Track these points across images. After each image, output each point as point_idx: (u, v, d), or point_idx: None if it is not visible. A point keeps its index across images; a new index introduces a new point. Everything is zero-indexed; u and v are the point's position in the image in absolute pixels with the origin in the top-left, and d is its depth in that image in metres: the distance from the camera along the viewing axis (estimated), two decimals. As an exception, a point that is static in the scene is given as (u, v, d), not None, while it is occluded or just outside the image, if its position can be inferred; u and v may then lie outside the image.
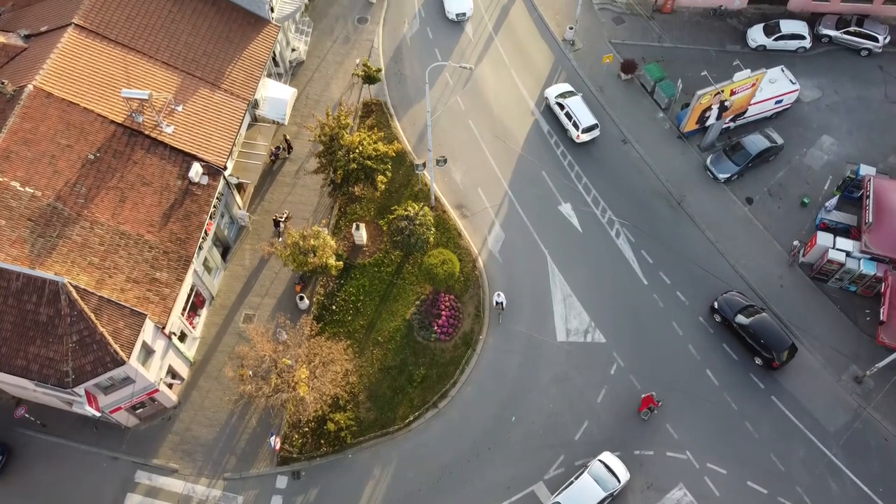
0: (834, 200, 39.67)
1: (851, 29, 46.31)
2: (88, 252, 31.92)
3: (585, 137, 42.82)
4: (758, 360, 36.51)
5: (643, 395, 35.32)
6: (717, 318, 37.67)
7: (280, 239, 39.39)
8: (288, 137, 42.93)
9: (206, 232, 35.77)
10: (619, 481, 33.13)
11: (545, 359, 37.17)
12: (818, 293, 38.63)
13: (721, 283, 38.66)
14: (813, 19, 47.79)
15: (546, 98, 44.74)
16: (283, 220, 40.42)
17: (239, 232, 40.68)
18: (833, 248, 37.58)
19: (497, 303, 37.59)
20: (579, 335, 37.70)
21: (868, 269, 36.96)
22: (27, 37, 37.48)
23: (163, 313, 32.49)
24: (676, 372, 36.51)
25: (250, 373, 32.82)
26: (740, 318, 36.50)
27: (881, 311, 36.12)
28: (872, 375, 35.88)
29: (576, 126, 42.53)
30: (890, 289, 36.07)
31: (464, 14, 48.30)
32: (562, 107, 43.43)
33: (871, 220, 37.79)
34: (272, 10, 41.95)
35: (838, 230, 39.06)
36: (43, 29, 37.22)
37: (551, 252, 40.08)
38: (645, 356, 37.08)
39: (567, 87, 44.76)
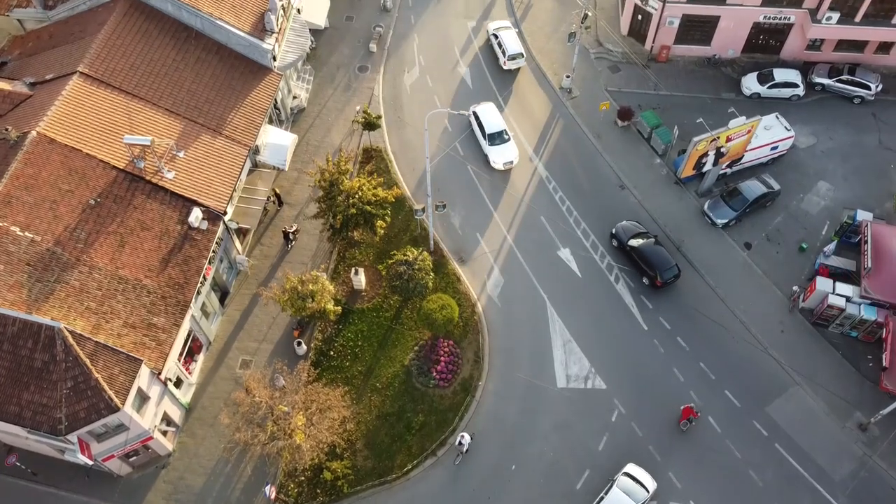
0: (832, 245, 39.75)
1: (844, 77, 47.14)
2: (86, 297, 31.81)
3: (511, 65, 48.98)
4: (645, 280, 40.02)
5: (683, 407, 35.28)
6: (614, 242, 41.14)
7: (290, 247, 41.24)
8: (278, 191, 42.97)
9: (204, 277, 35.73)
10: (647, 491, 33.12)
11: (545, 405, 36.71)
12: (819, 339, 38.39)
13: (722, 329, 38.48)
14: (806, 68, 48.68)
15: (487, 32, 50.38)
16: (292, 231, 40.98)
17: (237, 276, 40.62)
18: (833, 293, 37.50)
19: (459, 443, 34.76)
20: (580, 381, 37.32)
21: (869, 314, 36.81)
22: (32, 84, 38.08)
23: (159, 359, 32.20)
24: (678, 418, 36.00)
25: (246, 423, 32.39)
26: (632, 242, 40.20)
27: (884, 356, 35.83)
28: (877, 422, 35.40)
29: (504, 53, 48.38)
30: (892, 334, 35.86)
31: (510, 162, 44.29)
32: (496, 37, 49.22)
33: (869, 265, 37.81)
34: (274, 58, 42.71)
35: (837, 275, 39.04)
36: (48, 77, 37.81)
37: (551, 297, 39.96)
38: (646, 403, 36.63)
39: (505, 23, 50.37)
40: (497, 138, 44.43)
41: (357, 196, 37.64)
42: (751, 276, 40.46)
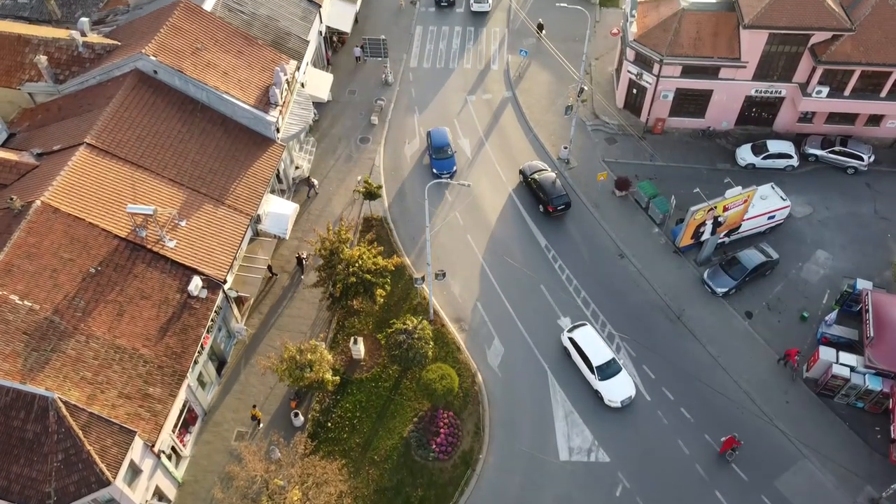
0: (833, 314, 39.60)
1: (836, 148, 48.06)
2: (82, 366, 31.45)
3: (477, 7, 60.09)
4: (540, 208, 46.23)
5: (724, 438, 35.23)
6: (521, 177, 47.80)
7: (302, 277, 42.64)
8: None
9: (202, 346, 35.43)
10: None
11: (547, 479, 35.76)
12: (825, 410, 37.76)
13: (726, 399, 37.89)
14: (798, 139, 49.65)
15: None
16: (305, 258, 42.66)
17: (235, 345, 40.29)
18: (837, 362, 37.12)
19: None
20: (582, 454, 36.49)
21: (874, 384, 36.32)
22: (39, 155, 38.77)
23: (153, 430, 31.56)
24: (684, 493, 35.04)
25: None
26: (534, 176, 46.73)
27: (892, 428, 35.19)
28: (888, 497, 34.38)
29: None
30: (898, 405, 35.34)
31: (629, 397, 38.11)
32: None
33: (872, 334, 37.56)
34: (278, 130, 43.63)
35: (840, 345, 38.74)
36: (56, 148, 38.53)
37: (552, 367, 39.52)
38: (651, 476, 35.69)
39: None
40: (606, 369, 37.96)
41: (357, 265, 37.75)
42: (753, 346, 40.13)
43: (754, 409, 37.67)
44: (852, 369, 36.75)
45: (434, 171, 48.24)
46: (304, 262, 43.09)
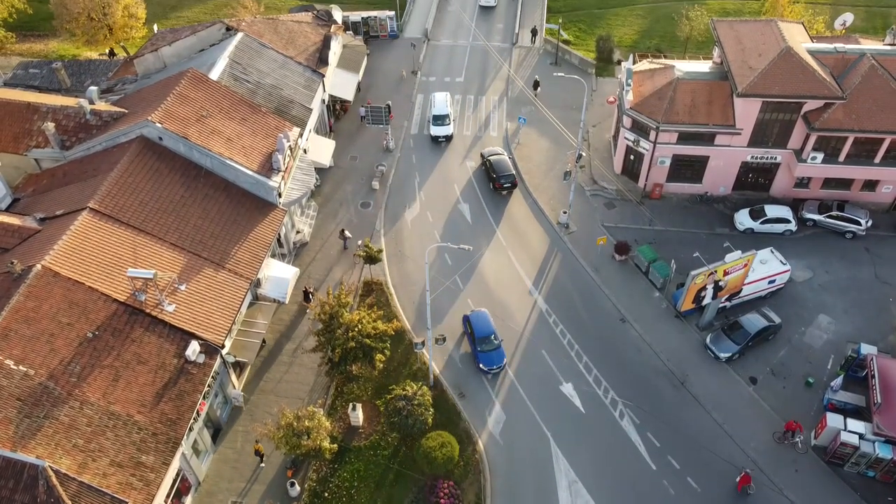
0: (839, 380, 39.05)
1: (834, 213, 48.43)
2: (75, 433, 30.78)
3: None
4: (491, 185, 52.28)
5: (739, 477, 35.49)
6: (481, 159, 54.03)
7: (308, 310, 42.68)
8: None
9: (197, 413, 34.78)
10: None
11: (551, 553, 34.56)
12: (835, 479, 36.77)
13: (733, 468, 36.96)
14: (796, 204, 50.11)
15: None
16: (312, 291, 43.57)
17: (231, 412, 39.57)
18: (845, 430, 36.38)
19: None
20: (587, 526, 35.37)
21: (884, 452, 35.49)
22: (42, 219, 39.01)
23: (145, 500, 30.61)
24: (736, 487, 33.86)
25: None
26: (489, 158, 53.39)
27: (905, 498, 34.22)
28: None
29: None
30: (910, 474, 34.45)
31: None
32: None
33: (879, 400, 36.96)
34: (280, 195, 44.06)
35: (848, 411, 38.06)
36: (59, 212, 38.81)
37: (554, 434, 38.72)
38: (659, 550, 34.52)
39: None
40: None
41: (357, 329, 37.46)
42: (759, 412, 39.42)
43: (763, 479, 36.70)
44: (861, 437, 35.99)
45: (481, 366, 40.82)
46: (310, 295, 43.68)
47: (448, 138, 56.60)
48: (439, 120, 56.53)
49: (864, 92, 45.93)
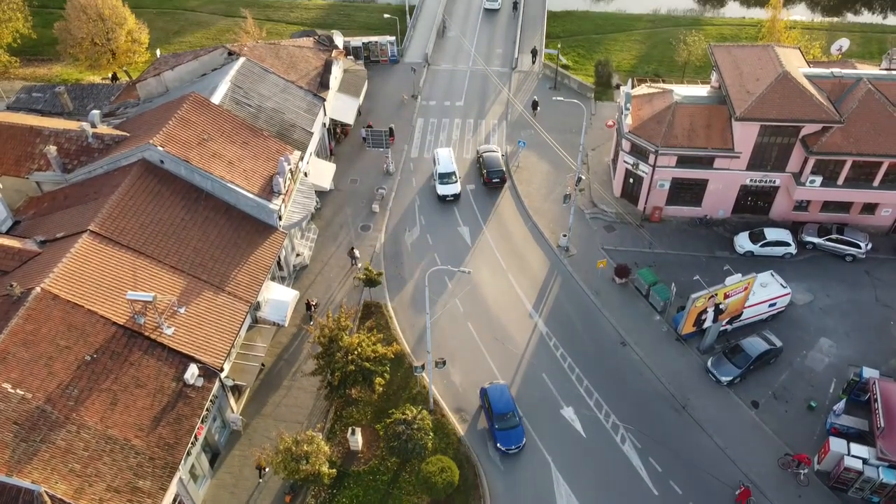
0: (841, 404, 38.80)
1: (833, 236, 48.49)
2: (71, 458, 30.49)
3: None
4: (482, 178, 55.18)
5: (739, 491, 35.44)
6: (476, 154, 57.24)
7: (311, 322, 42.93)
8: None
9: (196, 437, 34.50)
10: None
11: (553, 580, 34.08)
12: (840, 505, 36.46)
13: (734, 492, 36.56)
14: (796, 227, 50.19)
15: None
16: (314, 304, 44.23)
17: (230, 436, 39.25)
18: (848, 454, 36.06)
19: None
20: (589, 552, 34.91)
21: (888, 477, 35.13)
22: (43, 242, 39.02)
23: (141, 527, 30.27)
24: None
25: None
26: (483, 154, 56.15)
27: (910, 525, 33.83)
28: None
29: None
30: (915, 500, 34.09)
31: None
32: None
33: (882, 424, 36.69)
34: (280, 217, 44.14)
35: (851, 435, 37.76)
36: (59, 235, 38.84)
37: (555, 459, 38.36)
38: (661, 577, 34.04)
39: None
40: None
41: (356, 352, 37.30)
42: (761, 437, 39.11)
43: (766, 504, 36.36)
44: (865, 461, 35.66)
45: (499, 446, 38.34)
46: (313, 308, 44.29)
47: (456, 197, 54.03)
48: (445, 178, 54.37)
49: (861, 116, 46.26)
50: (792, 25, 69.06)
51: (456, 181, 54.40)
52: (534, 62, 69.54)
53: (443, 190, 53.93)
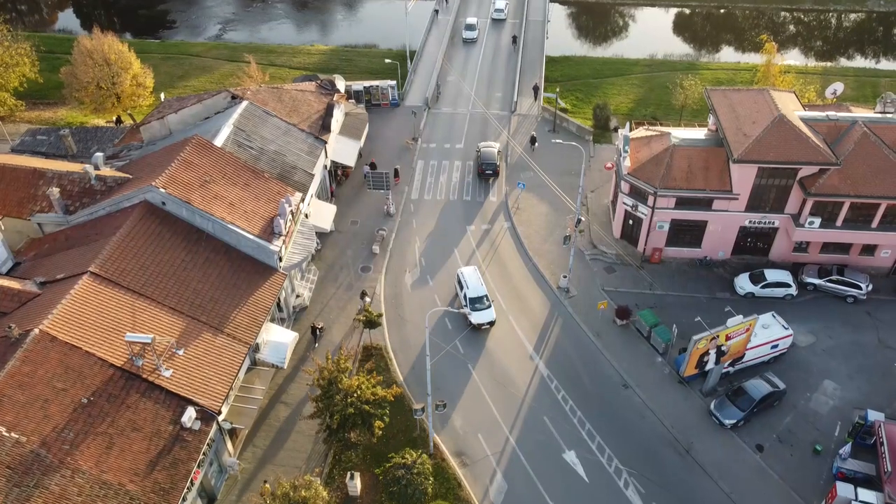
0: (847, 448, 38.28)
1: (834, 277, 48.48)
2: (64, 504, 29.94)
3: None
4: (478, 171, 60.17)
5: None
6: (476, 151, 61.57)
7: (316, 345, 43.98)
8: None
9: (192, 481, 33.91)
10: None
11: None
12: (849, 552, 35.61)
13: (742, 539, 35.90)
14: (796, 268, 50.21)
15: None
16: (319, 328, 44.87)
17: (227, 481, 38.58)
18: (856, 500, 35.40)
19: None
20: None
21: (898, 524, 34.51)
22: (42, 283, 38.97)
23: (134, 575, 29.56)
24: None
25: None
26: (481, 149, 60.68)
27: (922, 573, 33.02)
28: None
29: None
30: (926, 547, 33.34)
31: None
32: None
33: (889, 468, 36.12)
34: (281, 259, 44.19)
35: (857, 479, 37.14)
36: (59, 276, 38.81)
37: (557, 504, 37.70)
38: None
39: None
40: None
41: (356, 395, 36.91)
42: (767, 481, 38.47)
43: (774, 552, 35.55)
44: (873, 507, 35.04)
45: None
46: (318, 331, 44.82)
47: (491, 324, 46.67)
48: (477, 302, 46.57)
49: (857, 158, 46.70)
50: (786, 70, 70.21)
51: (489, 305, 46.84)
52: (535, 99, 70.66)
53: (477, 318, 46.20)
